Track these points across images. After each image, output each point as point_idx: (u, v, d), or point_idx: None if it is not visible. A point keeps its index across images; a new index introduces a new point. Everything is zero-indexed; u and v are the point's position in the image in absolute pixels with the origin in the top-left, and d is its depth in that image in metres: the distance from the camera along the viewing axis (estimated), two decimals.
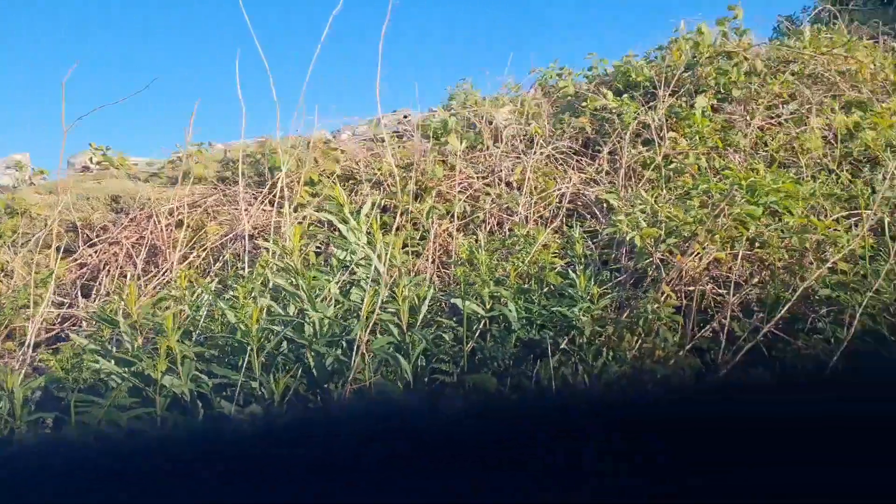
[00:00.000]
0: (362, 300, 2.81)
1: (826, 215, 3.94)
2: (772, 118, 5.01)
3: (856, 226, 3.91)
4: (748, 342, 3.17)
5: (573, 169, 4.50)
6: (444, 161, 4.42)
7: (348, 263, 3.16)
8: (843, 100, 5.24)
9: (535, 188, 4.23)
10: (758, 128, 4.87)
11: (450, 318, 3.29)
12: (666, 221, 3.45)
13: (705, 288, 3.26)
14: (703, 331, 3.18)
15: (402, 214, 3.89)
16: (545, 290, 3.35)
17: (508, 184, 4.45)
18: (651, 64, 5.44)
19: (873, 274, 3.43)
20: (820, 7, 7.07)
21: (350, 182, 4.36)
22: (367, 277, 2.98)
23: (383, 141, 4.42)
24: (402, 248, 3.77)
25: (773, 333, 3.21)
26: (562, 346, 3.04)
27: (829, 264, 3.14)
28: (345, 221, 3.45)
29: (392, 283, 2.95)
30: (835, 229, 3.74)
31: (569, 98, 5.35)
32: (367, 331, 2.64)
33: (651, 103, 4.88)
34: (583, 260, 3.39)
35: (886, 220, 3.50)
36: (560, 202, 4.22)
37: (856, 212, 3.97)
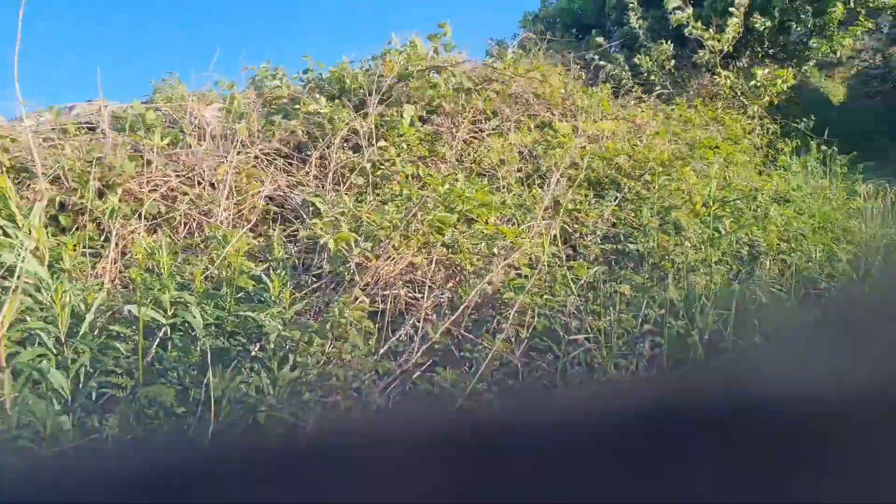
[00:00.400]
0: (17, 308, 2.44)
1: (517, 224, 4.25)
2: (476, 132, 5.31)
3: (546, 233, 4.27)
4: (439, 344, 3.29)
5: (281, 171, 4.37)
6: (139, 157, 4.06)
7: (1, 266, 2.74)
8: (539, 119, 5.72)
9: (239, 189, 4.04)
10: (463, 140, 5.12)
11: (130, 326, 3.00)
12: (367, 226, 3.47)
13: (400, 292, 3.31)
14: (397, 334, 3.23)
15: (81, 213, 3.49)
16: (239, 294, 3.19)
17: (213, 184, 4.21)
18: (366, 72, 5.50)
19: (553, 278, 3.75)
20: (523, 35, 7.66)
21: (23, 175, 3.83)
22: (26, 282, 2.60)
23: (66, 131, 3.96)
24: (83, 249, 3.40)
25: (463, 335, 3.36)
26: (253, 354, 2.92)
27: (502, 266, 3.32)
28: (12, 219, 3.02)
29: (55, 287, 2.61)
30: (524, 237, 4.04)
31: (282, 100, 5.22)
32: (15, 342, 2.29)
33: (363, 110, 4.92)
34: (281, 263, 3.28)
35: (557, 227, 3.84)
36: (265, 205, 4.08)
37: (545, 223, 4.32)
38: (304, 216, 4.10)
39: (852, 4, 7.98)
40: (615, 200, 4.70)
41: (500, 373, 3.23)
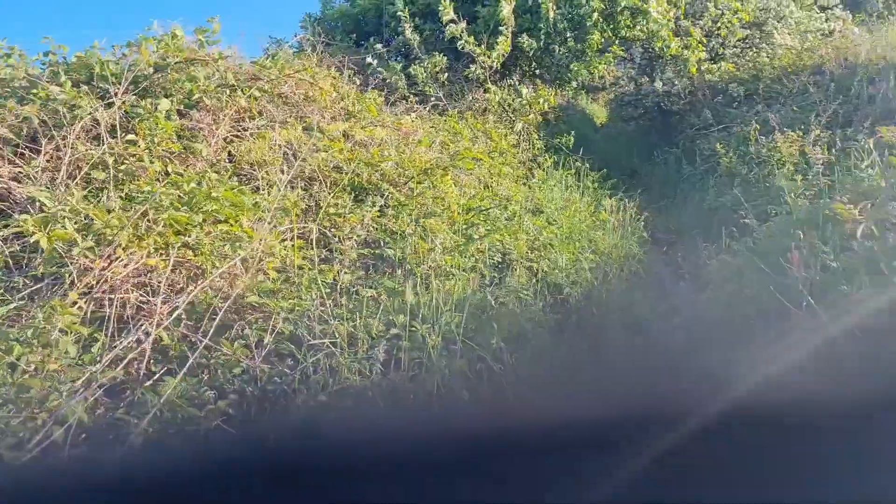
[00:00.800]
0: None
1: (275, 226, 4.14)
2: (239, 131, 5.12)
3: (302, 237, 4.21)
4: (176, 351, 3.12)
5: (6, 161, 3.93)
6: None
7: None
8: (307, 122, 5.64)
9: None
10: (223, 138, 4.92)
11: None
12: (96, 224, 3.20)
13: (129, 296, 3.09)
14: (126, 341, 3.01)
15: None
16: None
17: None
18: (119, 60, 5.11)
19: (305, 283, 3.69)
20: (300, 36, 7.56)
21: None
22: None
23: None
24: None
25: (202, 341, 3.20)
26: None
27: (223, 269, 3.22)
28: None
29: None
30: (282, 241, 3.95)
31: (17, 83, 4.70)
32: None
33: (111, 100, 4.56)
34: None
35: (315, 231, 3.80)
36: None
37: (303, 226, 4.25)
38: (33, 212, 3.71)
39: (608, 34, 8.70)
40: (377, 206, 4.75)
41: (238, 380, 3.13)
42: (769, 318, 3.43)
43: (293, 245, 3.82)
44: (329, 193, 4.71)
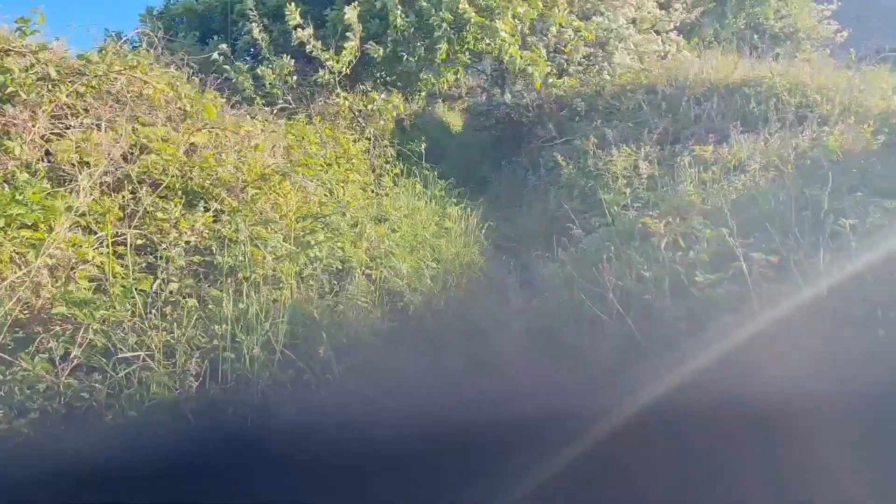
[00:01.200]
0: None
1: (93, 232, 3.91)
2: (60, 129, 4.79)
3: (125, 243, 3.99)
4: None
5: None
6: None
7: None
8: (138, 121, 5.36)
9: None
10: (41, 137, 4.59)
11: None
12: None
13: None
14: None
15: None
16: None
17: None
18: None
19: (120, 291, 3.51)
20: (138, 31, 7.19)
21: None
22: None
23: None
24: None
25: None
26: None
27: (13, 277, 3.02)
28: None
29: None
30: (97, 247, 3.73)
31: None
32: None
33: None
34: None
35: (130, 236, 3.62)
36: None
37: (123, 231, 4.04)
38: None
39: (457, 45, 8.86)
40: (210, 211, 4.59)
41: (40, 397, 2.92)
42: (586, 326, 3.60)
43: (109, 252, 3.62)
44: (157, 197, 4.50)
